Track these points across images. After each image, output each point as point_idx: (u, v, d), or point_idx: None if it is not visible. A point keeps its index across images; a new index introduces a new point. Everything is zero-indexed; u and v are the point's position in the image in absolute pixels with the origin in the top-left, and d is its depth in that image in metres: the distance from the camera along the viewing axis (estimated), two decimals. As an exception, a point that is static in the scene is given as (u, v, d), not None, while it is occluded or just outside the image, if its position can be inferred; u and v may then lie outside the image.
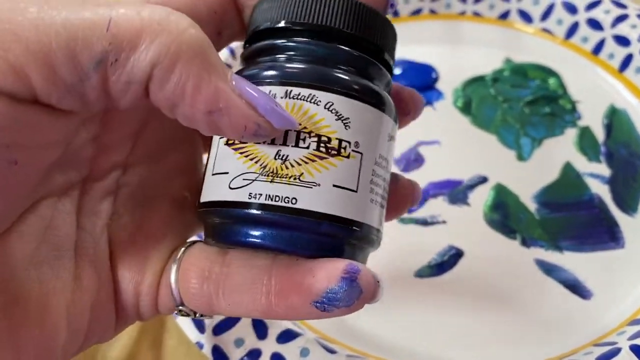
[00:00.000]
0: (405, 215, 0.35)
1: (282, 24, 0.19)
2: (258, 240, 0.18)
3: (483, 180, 0.36)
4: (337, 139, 0.18)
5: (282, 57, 0.19)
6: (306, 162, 0.18)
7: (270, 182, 0.17)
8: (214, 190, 0.19)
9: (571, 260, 0.33)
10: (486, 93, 0.41)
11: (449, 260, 0.33)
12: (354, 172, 0.18)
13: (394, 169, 0.37)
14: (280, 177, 0.17)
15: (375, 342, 0.30)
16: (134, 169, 0.21)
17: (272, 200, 0.17)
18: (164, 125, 0.22)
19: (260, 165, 0.18)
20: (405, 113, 0.22)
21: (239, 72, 0.19)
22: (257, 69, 0.19)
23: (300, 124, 0.18)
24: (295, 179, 0.17)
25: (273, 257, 0.19)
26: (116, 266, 0.20)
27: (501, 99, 0.40)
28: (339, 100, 0.18)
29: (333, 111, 0.18)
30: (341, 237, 0.18)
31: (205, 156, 0.20)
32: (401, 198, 0.22)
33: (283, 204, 0.17)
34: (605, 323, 0.30)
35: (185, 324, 0.28)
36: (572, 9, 0.42)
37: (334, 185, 0.18)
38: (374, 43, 0.19)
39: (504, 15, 0.44)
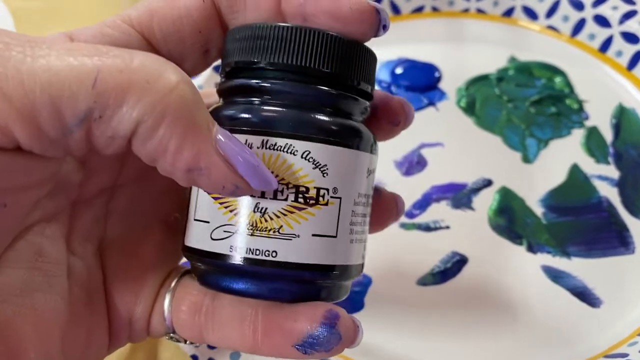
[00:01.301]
0: (407, 221, 0.34)
1: (257, 63, 0.18)
2: (240, 290, 0.18)
3: (488, 183, 0.35)
4: (315, 187, 0.18)
5: (257, 100, 0.19)
6: (285, 214, 0.18)
7: (251, 235, 0.18)
8: (196, 238, 0.19)
9: (579, 267, 0.31)
10: (490, 92, 0.40)
11: (452, 267, 0.32)
12: (333, 219, 0.18)
13: (397, 172, 0.36)
14: (260, 231, 0.18)
15: (375, 353, 0.29)
16: (123, 192, 0.21)
17: (252, 253, 0.18)
18: None
19: (240, 218, 0.18)
20: (394, 124, 0.22)
21: (217, 110, 0.19)
22: (234, 110, 0.19)
23: (277, 176, 0.18)
24: (274, 231, 0.18)
25: None
26: (110, 291, 0.21)
27: (506, 99, 0.39)
28: (315, 148, 0.18)
29: (310, 160, 0.18)
30: (322, 281, 0.19)
31: None
32: (385, 212, 0.23)
33: (264, 257, 0.18)
34: (616, 333, 0.29)
35: (180, 337, 0.27)
36: (578, 6, 0.41)
37: (314, 235, 0.18)
38: (352, 78, 0.19)
39: (509, 12, 0.43)
